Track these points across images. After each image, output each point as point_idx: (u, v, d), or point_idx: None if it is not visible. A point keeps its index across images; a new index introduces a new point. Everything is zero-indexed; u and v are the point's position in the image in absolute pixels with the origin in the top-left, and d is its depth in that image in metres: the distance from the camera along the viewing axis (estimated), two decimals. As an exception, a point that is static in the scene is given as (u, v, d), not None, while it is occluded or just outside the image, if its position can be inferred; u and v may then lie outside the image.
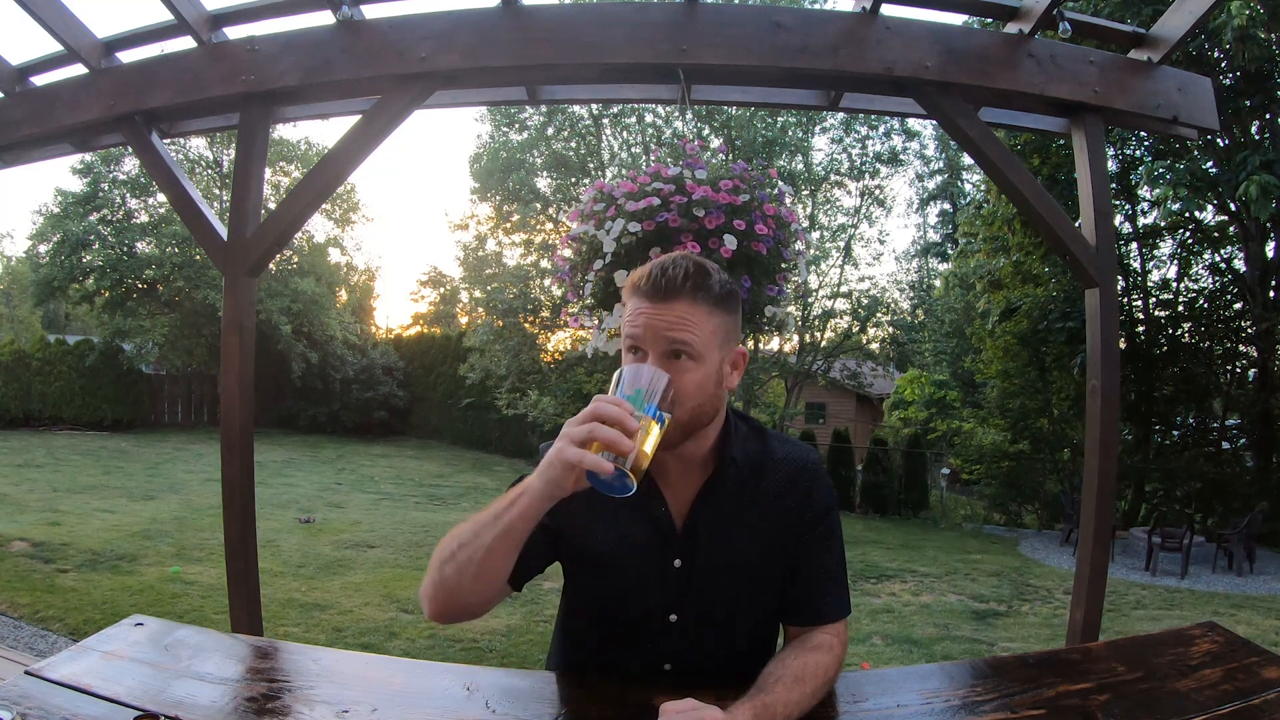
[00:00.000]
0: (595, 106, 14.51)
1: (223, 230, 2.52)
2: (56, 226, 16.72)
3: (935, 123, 3.18)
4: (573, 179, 15.79)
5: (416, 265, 69.17)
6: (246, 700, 1.00)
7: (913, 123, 15.97)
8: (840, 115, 15.35)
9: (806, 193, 16.51)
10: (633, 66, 2.44)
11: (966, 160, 19.77)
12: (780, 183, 2.15)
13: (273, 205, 3.48)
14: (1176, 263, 11.87)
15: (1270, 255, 10.26)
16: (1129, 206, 11.14)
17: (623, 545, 1.10)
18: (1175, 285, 11.91)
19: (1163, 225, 11.30)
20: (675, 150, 2.51)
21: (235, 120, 2.60)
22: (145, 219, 17.75)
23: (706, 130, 13.95)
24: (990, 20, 3.60)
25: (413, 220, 67.09)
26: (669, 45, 2.32)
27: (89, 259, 16.77)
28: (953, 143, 11.13)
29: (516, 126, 16.00)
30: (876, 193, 17.68)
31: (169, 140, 2.86)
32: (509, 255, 17.73)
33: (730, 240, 1.92)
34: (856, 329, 18.03)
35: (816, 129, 16.15)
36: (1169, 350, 11.37)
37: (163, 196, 14.40)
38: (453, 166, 74.65)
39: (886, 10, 2.36)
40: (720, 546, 1.10)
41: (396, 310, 78.30)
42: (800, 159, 16.10)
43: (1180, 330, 11.54)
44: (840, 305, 17.86)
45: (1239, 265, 10.96)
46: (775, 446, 1.16)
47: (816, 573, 1.13)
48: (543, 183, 16.47)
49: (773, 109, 12.82)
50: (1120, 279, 10.28)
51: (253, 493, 2.49)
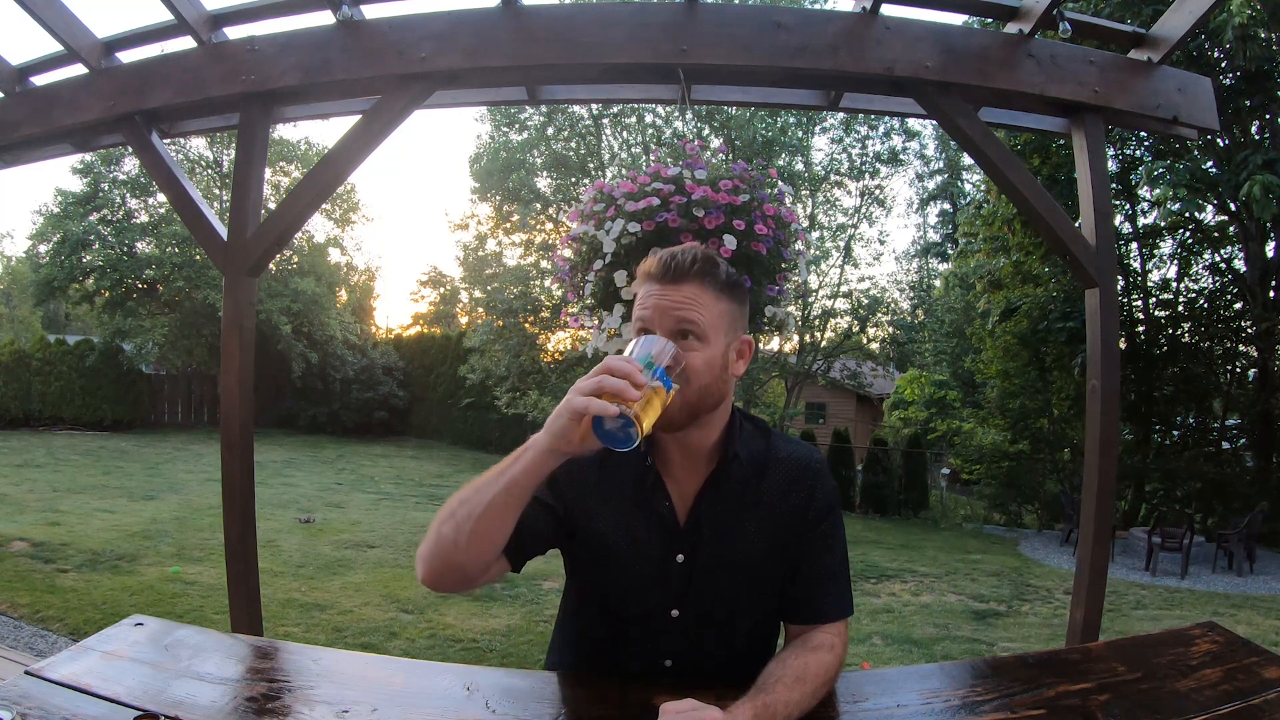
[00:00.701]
0: (595, 106, 14.52)
1: (223, 230, 2.52)
2: (56, 226, 16.72)
3: (935, 123, 3.18)
4: (573, 179, 15.79)
5: (416, 265, 69.30)
6: (246, 700, 1.00)
7: (913, 123, 16.00)
8: (840, 115, 15.38)
9: (806, 193, 16.53)
10: (633, 66, 2.44)
11: (966, 160, 19.78)
12: (780, 183, 2.14)
13: (273, 205, 3.48)
14: (1176, 263, 11.87)
15: (1270, 255, 10.26)
16: (1129, 206, 11.14)
17: (626, 536, 1.10)
18: (1175, 285, 11.93)
19: (1163, 225, 11.29)
20: (675, 150, 2.50)
21: (235, 120, 2.61)
22: (145, 219, 17.77)
23: (706, 130, 13.95)
24: (990, 20, 3.60)
25: (413, 220, 67.23)
26: (669, 45, 2.32)
27: (89, 259, 16.76)
28: (953, 143, 11.15)
29: (516, 126, 16.01)
30: (876, 193, 17.75)
31: (169, 140, 2.86)
32: (509, 255, 17.79)
33: (730, 240, 1.91)
34: (856, 329, 18.07)
35: (816, 129, 16.19)
36: (1169, 350, 11.36)
37: (163, 196, 14.40)
38: (453, 166, 74.74)
39: (886, 10, 2.36)
40: (723, 543, 1.10)
41: (396, 310, 78.47)
42: (800, 159, 16.12)
43: (1180, 330, 11.53)
44: (840, 305, 17.92)
45: (1239, 265, 10.96)
46: (779, 446, 1.16)
47: (818, 572, 1.13)
48: (543, 183, 16.49)
49: (773, 109, 12.84)
50: (1120, 279, 10.28)
51: (253, 493, 2.49)
